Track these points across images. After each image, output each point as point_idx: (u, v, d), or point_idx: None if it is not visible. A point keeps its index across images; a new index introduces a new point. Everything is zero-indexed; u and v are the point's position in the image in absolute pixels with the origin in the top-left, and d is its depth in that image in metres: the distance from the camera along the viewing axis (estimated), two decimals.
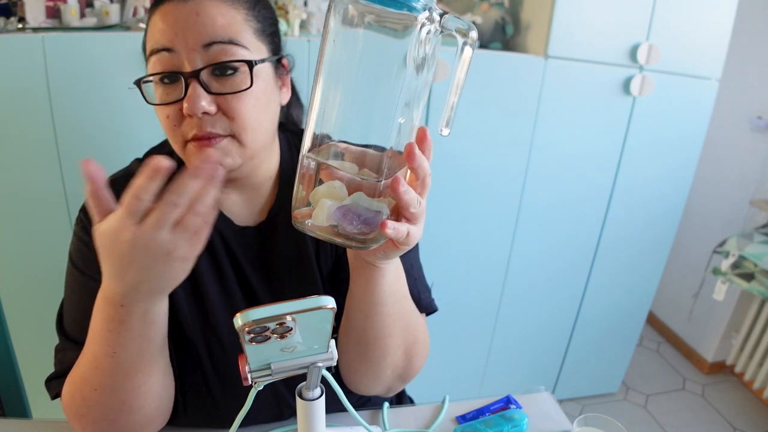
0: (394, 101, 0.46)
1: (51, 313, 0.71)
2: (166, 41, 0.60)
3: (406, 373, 0.74)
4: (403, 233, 0.50)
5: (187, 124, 0.62)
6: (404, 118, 0.48)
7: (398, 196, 0.48)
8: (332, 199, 0.48)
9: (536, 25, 1.47)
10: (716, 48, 1.59)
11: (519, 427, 0.73)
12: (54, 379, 0.68)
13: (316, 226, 0.49)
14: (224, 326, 0.71)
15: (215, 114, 0.61)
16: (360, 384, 0.75)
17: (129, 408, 0.61)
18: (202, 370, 0.71)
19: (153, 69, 0.62)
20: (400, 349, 0.70)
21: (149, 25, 0.64)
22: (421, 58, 0.46)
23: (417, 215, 0.51)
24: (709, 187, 2.31)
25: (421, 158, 0.48)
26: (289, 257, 0.74)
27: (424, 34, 0.45)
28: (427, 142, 0.50)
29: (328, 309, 0.45)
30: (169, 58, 0.60)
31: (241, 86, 0.62)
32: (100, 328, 0.56)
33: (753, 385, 2.14)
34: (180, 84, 0.61)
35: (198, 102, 0.59)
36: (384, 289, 0.63)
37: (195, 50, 0.60)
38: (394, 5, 0.44)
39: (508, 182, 1.56)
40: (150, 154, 0.75)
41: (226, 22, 0.62)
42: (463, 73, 0.48)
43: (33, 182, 1.16)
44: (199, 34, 0.60)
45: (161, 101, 0.62)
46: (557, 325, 1.87)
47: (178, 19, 0.60)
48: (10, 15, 1.17)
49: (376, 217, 0.48)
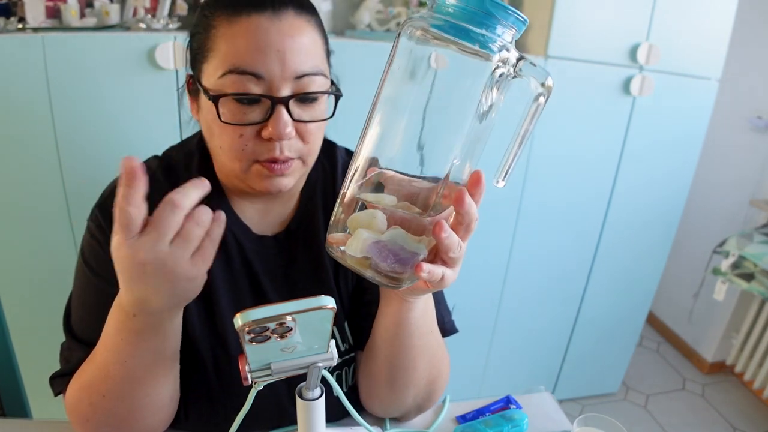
0: (453, 142, 0.43)
1: (51, 313, 0.71)
2: (257, 66, 0.58)
3: (425, 404, 0.75)
4: (438, 276, 0.48)
5: (263, 146, 0.61)
6: (460, 160, 0.45)
7: (439, 240, 0.46)
8: (370, 229, 0.45)
9: (536, 25, 1.47)
10: (716, 48, 1.59)
11: (519, 427, 0.73)
12: (58, 377, 0.67)
13: (348, 255, 0.46)
14: (231, 333, 0.70)
15: (292, 138, 0.61)
16: (378, 408, 0.75)
17: (135, 416, 0.61)
18: (206, 377, 0.70)
19: (234, 87, 0.58)
20: (424, 381, 0.70)
21: (225, 34, 0.59)
22: (489, 102, 0.43)
23: (455, 260, 0.49)
24: (709, 187, 2.30)
25: (470, 205, 0.46)
26: (306, 272, 0.73)
27: (497, 76, 0.42)
28: (480, 187, 0.47)
29: (328, 309, 0.44)
30: (257, 82, 0.58)
31: (322, 115, 0.63)
32: (112, 336, 0.56)
33: (753, 385, 2.14)
34: (260, 106, 0.60)
35: (285, 129, 0.59)
36: (411, 322, 0.63)
37: (287, 80, 0.59)
38: (467, 39, 0.41)
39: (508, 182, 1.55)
40: (169, 153, 0.74)
41: (316, 49, 0.62)
42: (531, 124, 0.44)
43: (33, 182, 1.16)
44: (293, 65, 0.59)
45: (237, 120, 0.60)
46: (557, 325, 1.87)
47: (270, 42, 0.58)
48: (10, 15, 1.17)
49: (412, 258, 0.46)
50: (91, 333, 0.65)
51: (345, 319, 0.75)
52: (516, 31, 0.43)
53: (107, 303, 0.65)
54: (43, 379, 0.69)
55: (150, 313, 0.53)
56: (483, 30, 0.40)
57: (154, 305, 0.52)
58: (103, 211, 0.66)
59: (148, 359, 0.57)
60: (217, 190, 0.70)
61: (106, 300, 0.65)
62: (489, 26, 0.41)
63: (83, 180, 1.17)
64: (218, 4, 0.61)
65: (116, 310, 0.55)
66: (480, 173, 0.47)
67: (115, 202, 0.46)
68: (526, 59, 0.43)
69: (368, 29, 1.52)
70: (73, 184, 1.17)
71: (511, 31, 0.42)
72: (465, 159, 0.46)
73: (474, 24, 0.40)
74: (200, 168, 0.71)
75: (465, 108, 0.43)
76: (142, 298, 0.51)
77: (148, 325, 0.54)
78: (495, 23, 0.41)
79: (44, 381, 0.69)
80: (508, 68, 0.42)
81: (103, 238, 0.66)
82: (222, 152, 0.63)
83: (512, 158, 0.46)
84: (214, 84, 0.59)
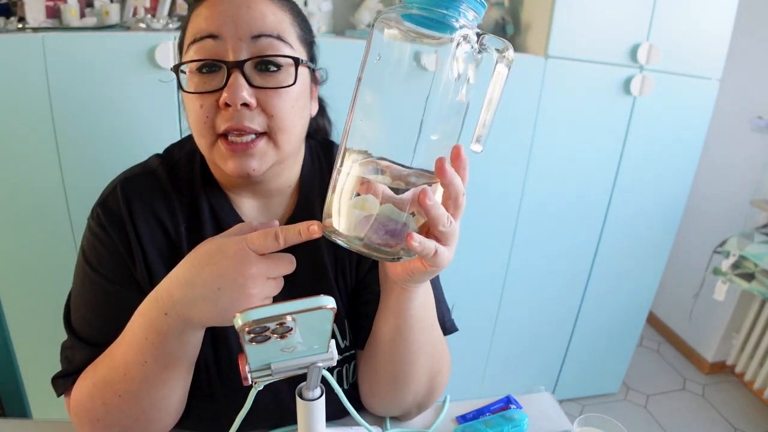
0: (423, 116, 0.45)
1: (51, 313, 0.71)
2: (212, 28, 0.59)
3: (426, 402, 0.75)
4: (430, 249, 0.48)
5: (222, 117, 0.59)
6: (437, 135, 0.47)
7: (425, 209, 0.46)
8: (363, 209, 0.47)
9: (536, 25, 1.47)
10: (716, 48, 1.59)
11: (519, 427, 0.73)
12: (61, 378, 0.67)
13: (344, 234, 0.49)
14: (232, 332, 0.70)
15: (253, 109, 0.59)
16: (379, 407, 0.75)
17: (147, 418, 0.62)
18: (207, 376, 0.70)
19: (194, 56, 0.59)
20: (425, 377, 0.70)
21: (192, 17, 0.62)
22: (455, 77, 0.46)
23: (447, 234, 0.49)
24: (710, 187, 2.30)
25: (452, 175, 0.47)
26: (305, 269, 0.73)
27: (460, 52, 0.45)
28: (461, 160, 0.48)
29: (328, 309, 0.44)
30: (213, 45, 0.59)
31: (283, 83, 0.61)
32: (137, 335, 0.57)
33: (753, 385, 2.14)
34: (220, 74, 0.59)
35: (240, 92, 0.57)
36: (411, 314, 0.63)
37: (242, 40, 0.59)
38: (430, 26, 0.44)
39: (509, 181, 1.55)
40: (170, 151, 0.75)
41: (276, 19, 0.61)
42: (496, 91, 0.47)
43: (33, 182, 1.16)
44: (248, 25, 0.59)
45: (197, 90, 0.60)
46: (557, 325, 1.87)
47: (227, 8, 0.59)
48: (10, 15, 1.17)
49: (402, 229, 0.48)
50: (93, 332, 0.65)
51: (345, 317, 0.75)
52: (476, 13, 0.46)
53: (108, 301, 0.65)
54: (43, 379, 0.69)
55: (183, 315, 0.54)
56: (443, 9, 0.45)
57: (197, 310, 0.53)
58: (104, 210, 0.66)
59: (169, 363, 0.58)
60: (216, 187, 0.70)
61: (107, 298, 0.65)
62: (449, 7, 0.45)
63: (83, 180, 1.17)
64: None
65: (147, 308, 0.56)
66: (459, 147, 0.48)
67: (281, 226, 0.52)
68: (488, 34, 0.46)
69: (368, 29, 1.52)
70: (73, 184, 1.18)
71: (471, 11, 0.46)
72: (444, 136, 0.48)
73: (437, 6, 0.45)
74: (202, 165, 0.71)
75: (434, 88, 0.46)
76: (193, 298, 0.52)
77: (175, 328, 0.55)
78: (456, 5, 0.45)
79: (44, 381, 0.69)
80: (471, 45, 0.46)
81: (105, 236, 0.66)
82: (193, 134, 0.63)
83: (482, 124, 0.48)
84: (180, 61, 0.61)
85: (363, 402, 0.77)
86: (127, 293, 0.65)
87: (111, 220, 0.66)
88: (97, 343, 0.64)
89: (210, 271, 0.52)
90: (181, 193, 0.69)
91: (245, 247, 0.51)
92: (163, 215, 0.67)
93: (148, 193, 0.68)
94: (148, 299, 0.57)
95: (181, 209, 0.69)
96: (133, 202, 0.66)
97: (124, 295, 0.65)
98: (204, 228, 0.69)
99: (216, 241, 0.54)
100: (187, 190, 0.70)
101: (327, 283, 0.73)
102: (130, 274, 0.66)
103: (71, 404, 0.65)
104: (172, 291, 0.54)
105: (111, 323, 0.63)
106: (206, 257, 0.53)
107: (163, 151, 0.75)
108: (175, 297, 0.53)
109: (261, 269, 0.52)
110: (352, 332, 0.76)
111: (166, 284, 0.55)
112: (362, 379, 0.75)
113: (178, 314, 0.54)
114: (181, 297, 0.53)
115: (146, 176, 0.69)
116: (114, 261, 0.66)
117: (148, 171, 0.70)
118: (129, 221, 0.65)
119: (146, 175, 0.69)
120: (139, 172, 0.70)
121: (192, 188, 0.70)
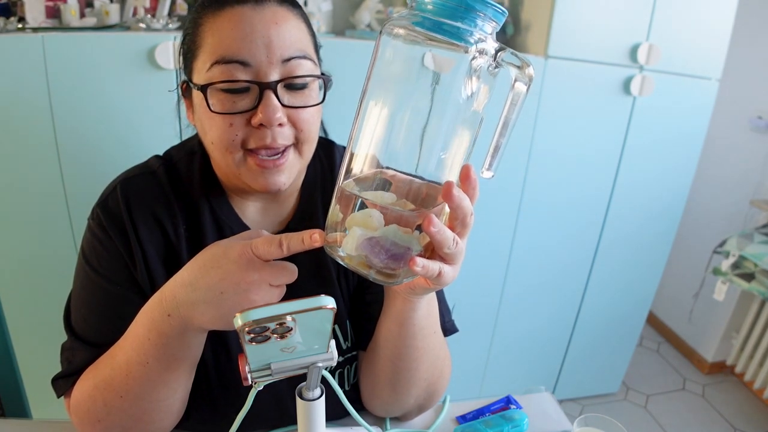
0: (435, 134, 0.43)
1: (51, 313, 0.71)
2: (243, 54, 0.58)
3: (426, 404, 0.75)
4: (434, 272, 0.47)
5: (255, 136, 0.60)
6: (447, 148, 0.45)
7: (430, 235, 0.45)
8: (366, 228, 0.45)
9: (536, 25, 1.47)
10: (716, 48, 1.59)
11: (519, 428, 0.73)
12: (61, 379, 0.67)
13: (344, 254, 0.46)
14: (232, 332, 0.70)
15: (284, 126, 0.61)
16: (379, 409, 0.76)
17: (148, 419, 0.62)
18: (207, 376, 0.70)
19: (222, 77, 0.59)
20: (425, 382, 0.70)
21: (209, 27, 0.60)
22: (469, 92, 0.44)
23: (452, 255, 0.48)
24: (709, 187, 2.30)
25: (459, 198, 0.45)
26: (308, 270, 0.73)
27: (475, 67, 0.43)
28: (471, 181, 0.47)
29: (328, 309, 0.44)
30: (244, 69, 0.59)
31: (312, 100, 0.63)
32: (140, 336, 0.57)
33: (753, 385, 2.14)
34: (249, 94, 0.60)
35: (275, 113, 0.58)
36: (414, 323, 0.62)
37: (274, 63, 0.59)
38: (444, 33, 0.42)
39: (509, 181, 1.55)
40: (170, 152, 0.75)
41: (301, 36, 0.62)
42: (513, 112, 0.44)
43: (33, 182, 1.16)
44: (279, 49, 0.59)
45: (226, 110, 0.59)
46: (557, 325, 1.87)
47: (255, 30, 0.58)
48: (10, 15, 1.17)
49: (405, 253, 0.45)
50: (93, 332, 0.65)
51: (347, 318, 0.75)
52: (496, 23, 0.43)
53: (109, 302, 0.65)
54: (43, 379, 0.69)
55: (185, 317, 0.54)
56: (458, 23, 0.41)
57: (198, 312, 0.53)
58: (104, 210, 0.66)
59: (172, 364, 0.58)
60: (217, 190, 0.70)
61: (107, 299, 0.65)
62: (465, 19, 0.41)
63: (83, 180, 1.17)
64: (204, 3, 0.62)
65: (150, 308, 0.56)
66: (469, 167, 0.47)
67: (285, 234, 0.51)
68: (506, 49, 0.43)
69: (368, 29, 1.52)
70: (73, 184, 1.18)
71: (491, 23, 0.43)
72: (454, 152, 0.46)
73: (452, 18, 0.41)
74: (202, 167, 0.71)
75: (445, 99, 0.44)
76: (195, 300, 0.52)
77: (177, 329, 0.55)
78: (473, 16, 0.42)
79: (44, 381, 0.69)
80: (487, 59, 0.43)
81: (105, 237, 0.66)
82: (214, 148, 0.63)
83: (495, 147, 0.46)
84: (203, 78, 0.60)
85: (363, 403, 0.77)
86: (128, 294, 0.65)
87: (111, 221, 0.66)
88: (97, 344, 0.64)
89: (214, 274, 0.52)
90: (181, 194, 0.69)
91: (250, 252, 0.51)
92: (162, 216, 0.67)
93: (148, 193, 0.68)
94: (152, 300, 0.57)
95: (181, 210, 0.69)
96: (133, 202, 0.66)
97: (124, 295, 0.65)
98: (205, 230, 0.69)
99: (222, 244, 0.54)
100: (187, 191, 0.70)
101: (330, 283, 0.73)
102: (130, 274, 0.66)
103: (72, 405, 0.65)
104: (176, 292, 0.54)
105: (111, 324, 0.63)
106: (211, 260, 0.53)
107: (163, 153, 0.75)
108: (178, 298, 0.53)
109: (264, 276, 0.52)
110: (355, 333, 0.76)
111: (171, 285, 0.55)
112: (363, 381, 0.75)
113: (180, 316, 0.54)
114: (185, 299, 0.53)
115: (146, 177, 0.69)
116: (114, 261, 0.66)
117: (148, 172, 0.70)
118: (129, 222, 0.65)
119: (146, 175, 0.69)
120: (139, 173, 0.70)
121: (192, 190, 0.70)
